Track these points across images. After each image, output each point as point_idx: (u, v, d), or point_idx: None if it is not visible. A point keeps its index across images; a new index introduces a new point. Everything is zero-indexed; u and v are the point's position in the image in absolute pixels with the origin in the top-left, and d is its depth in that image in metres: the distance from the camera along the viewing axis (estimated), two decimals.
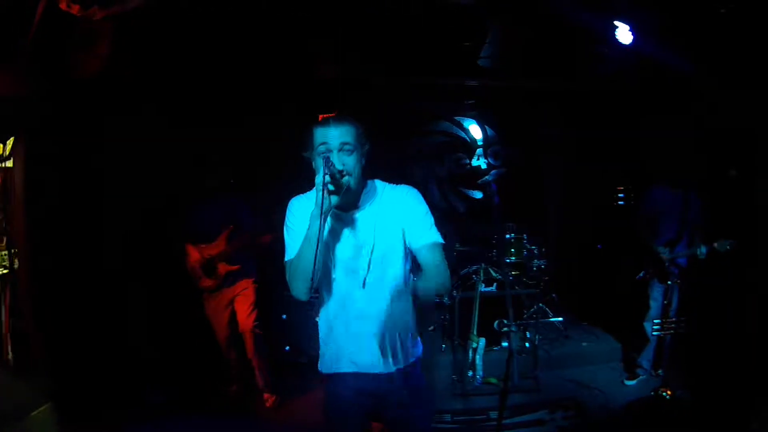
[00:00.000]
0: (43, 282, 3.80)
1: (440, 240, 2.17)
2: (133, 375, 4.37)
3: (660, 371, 4.61)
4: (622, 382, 4.88)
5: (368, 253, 2.11)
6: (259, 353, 4.39)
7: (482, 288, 4.83)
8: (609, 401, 4.44)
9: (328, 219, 2.02)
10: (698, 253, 4.36)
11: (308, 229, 1.97)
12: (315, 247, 1.87)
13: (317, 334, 2.31)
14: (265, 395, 4.46)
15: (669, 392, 4.16)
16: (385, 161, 2.83)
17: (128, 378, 4.31)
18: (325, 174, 1.88)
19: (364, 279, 2.11)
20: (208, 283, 4.25)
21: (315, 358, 2.26)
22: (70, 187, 4.02)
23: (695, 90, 4.94)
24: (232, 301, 4.37)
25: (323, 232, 1.90)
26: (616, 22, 4.37)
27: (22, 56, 3.22)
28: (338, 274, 2.14)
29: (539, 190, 7.22)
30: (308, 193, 2.18)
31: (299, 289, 2.04)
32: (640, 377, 4.80)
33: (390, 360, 2.15)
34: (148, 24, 3.63)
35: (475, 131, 7.19)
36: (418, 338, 2.31)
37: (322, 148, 2.02)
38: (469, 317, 4.67)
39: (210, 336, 4.45)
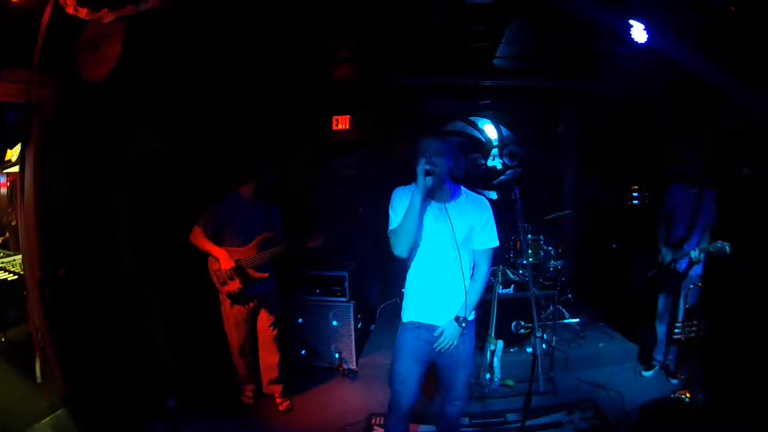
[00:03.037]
0: (55, 287, 3.71)
1: (496, 244, 3.05)
2: (146, 379, 4.33)
3: (681, 374, 4.62)
4: (639, 373, 5.00)
5: (448, 235, 2.91)
6: (279, 360, 4.45)
7: (500, 290, 4.84)
8: (626, 402, 4.43)
9: (424, 206, 2.88)
10: (692, 255, 4.44)
11: (410, 203, 2.80)
12: (415, 216, 2.79)
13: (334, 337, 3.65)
14: (278, 399, 4.51)
15: (688, 394, 4.16)
16: (403, 161, 3.13)
17: (141, 382, 4.26)
18: (424, 163, 2.75)
19: (443, 253, 2.94)
20: (234, 287, 4.09)
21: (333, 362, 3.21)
22: (81, 192, 3.98)
23: (711, 89, 4.91)
24: (255, 309, 4.31)
25: (420, 205, 2.79)
26: (631, 21, 4.35)
27: (30, 62, 3.17)
28: (425, 247, 2.96)
29: (555, 190, 7.20)
30: (407, 186, 2.97)
31: (402, 248, 2.90)
32: (655, 368, 4.95)
33: (452, 316, 2.97)
34: (162, 25, 3.57)
35: (491, 131, 7.17)
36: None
37: (422, 152, 2.84)
38: (486, 319, 4.68)
39: (224, 340, 4.41)
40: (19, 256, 3.77)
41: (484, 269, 3.04)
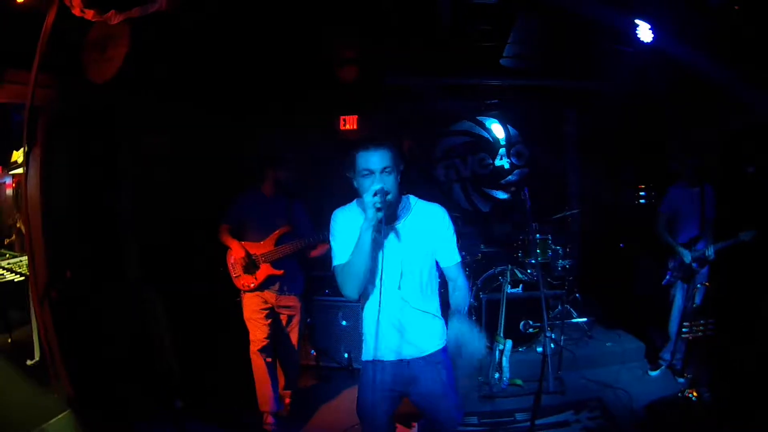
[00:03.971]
0: (61, 287, 3.71)
1: (458, 259, 2.64)
2: (152, 381, 4.34)
3: (688, 374, 4.62)
4: (646, 372, 4.98)
5: (403, 260, 2.48)
6: (293, 366, 4.44)
7: (509, 289, 4.85)
8: (634, 401, 4.42)
9: (375, 239, 2.35)
10: (707, 254, 4.46)
11: (358, 239, 2.34)
12: (365, 255, 2.32)
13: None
14: (287, 400, 4.48)
15: (695, 393, 4.16)
16: (410, 163, 3.00)
17: (147, 384, 4.27)
18: (375, 195, 2.25)
19: (399, 282, 2.48)
20: (247, 281, 4.07)
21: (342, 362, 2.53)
22: (86, 193, 4.00)
23: (716, 88, 4.91)
24: (274, 311, 4.24)
25: (371, 242, 2.31)
26: (637, 21, 4.36)
27: (35, 63, 3.15)
28: (378, 277, 2.44)
29: (562, 189, 7.20)
30: (349, 205, 2.60)
31: (351, 290, 2.45)
32: (662, 367, 4.93)
33: (419, 349, 2.56)
34: (170, 26, 3.61)
35: (498, 131, 7.19)
36: (444, 331, 2.63)
37: (365, 172, 2.38)
38: (495, 319, 4.70)
39: (232, 342, 4.40)
40: (26, 258, 3.76)
41: (460, 280, 2.66)
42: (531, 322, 5.07)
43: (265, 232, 4.10)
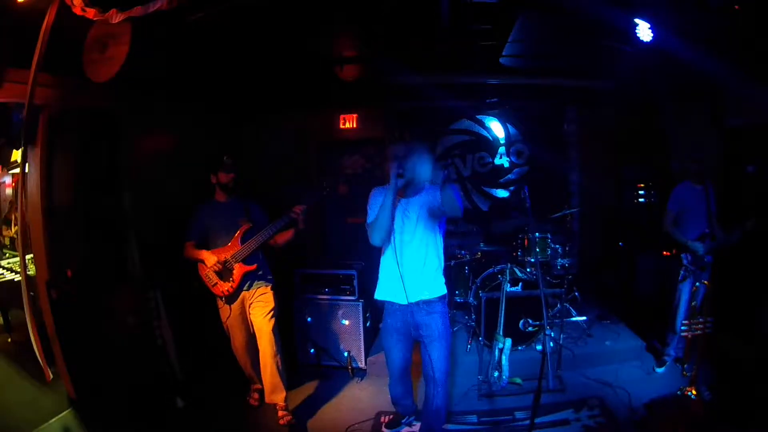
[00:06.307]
0: (61, 288, 3.74)
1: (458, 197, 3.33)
2: (153, 379, 4.35)
3: (686, 371, 4.63)
4: (653, 369, 4.99)
5: (417, 222, 3.41)
6: (276, 357, 4.25)
7: (508, 288, 4.85)
8: (633, 400, 4.42)
9: (397, 203, 3.36)
10: (734, 240, 4.48)
11: (383, 201, 3.29)
12: (388, 211, 3.26)
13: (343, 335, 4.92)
14: (280, 413, 4.29)
15: (695, 392, 4.17)
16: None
17: (148, 384, 4.28)
18: (396, 167, 3.24)
19: (411, 240, 3.40)
20: (225, 286, 4.13)
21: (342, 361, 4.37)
22: (86, 192, 4.01)
23: (715, 86, 4.91)
24: (250, 305, 4.27)
25: (392, 202, 3.26)
26: (636, 20, 4.36)
27: (35, 62, 3.11)
28: (396, 235, 3.39)
29: (561, 188, 7.20)
30: (383, 186, 3.47)
31: (376, 239, 3.36)
32: (668, 363, 4.95)
33: (419, 295, 3.41)
34: (169, 25, 3.59)
35: (498, 130, 7.19)
36: (443, 283, 3.52)
37: (393, 156, 3.33)
38: (494, 317, 4.71)
39: (227, 343, 4.40)
40: (28, 257, 3.74)
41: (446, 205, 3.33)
42: (530, 321, 5.07)
43: (229, 235, 4.19)
